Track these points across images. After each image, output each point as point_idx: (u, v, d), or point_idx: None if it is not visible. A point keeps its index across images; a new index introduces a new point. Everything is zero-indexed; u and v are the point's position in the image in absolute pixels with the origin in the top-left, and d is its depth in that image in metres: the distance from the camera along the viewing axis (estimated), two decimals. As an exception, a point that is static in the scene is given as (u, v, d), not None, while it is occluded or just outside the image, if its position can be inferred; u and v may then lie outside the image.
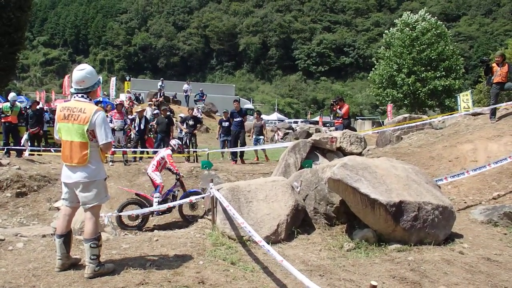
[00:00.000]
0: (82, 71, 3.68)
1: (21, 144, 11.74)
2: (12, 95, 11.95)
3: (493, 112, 9.74)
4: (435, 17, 33.65)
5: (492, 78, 9.63)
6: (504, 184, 6.77)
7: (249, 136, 14.28)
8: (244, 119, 12.61)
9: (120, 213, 7.14)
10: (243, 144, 12.36)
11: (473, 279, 3.81)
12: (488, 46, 67.73)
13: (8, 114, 11.51)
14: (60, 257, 3.65)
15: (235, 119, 12.32)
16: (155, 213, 7.53)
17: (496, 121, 9.52)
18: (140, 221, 7.48)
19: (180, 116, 15.24)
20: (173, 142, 8.69)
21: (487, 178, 6.95)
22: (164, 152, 7.95)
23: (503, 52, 10.70)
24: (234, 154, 12.39)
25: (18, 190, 8.33)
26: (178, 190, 7.89)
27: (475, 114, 11.54)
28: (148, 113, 15.45)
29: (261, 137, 13.46)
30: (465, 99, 19.33)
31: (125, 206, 7.39)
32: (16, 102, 11.92)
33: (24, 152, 11.75)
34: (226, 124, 12.67)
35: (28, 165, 10.19)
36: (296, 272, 3.02)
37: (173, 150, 8.23)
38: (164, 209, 7.43)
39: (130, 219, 7.42)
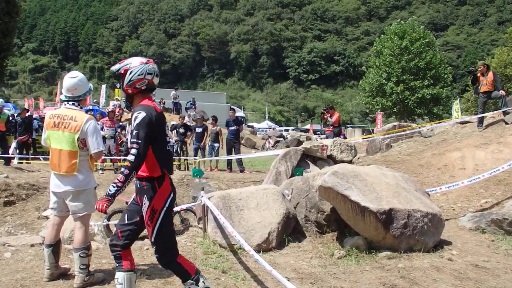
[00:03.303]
0: (74, 78, 3.67)
1: (10, 153, 11.56)
2: None
3: (480, 121, 9.89)
4: (423, 26, 34.21)
5: (479, 87, 9.80)
6: (491, 191, 6.87)
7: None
8: (240, 128, 12.60)
9: (108, 222, 7.07)
10: (238, 152, 12.31)
11: (462, 286, 3.86)
12: (476, 55, 68.95)
13: (-5, 122, 11.32)
14: (49, 267, 3.61)
15: (230, 128, 12.31)
16: None
17: (484, 129, 9.67)
18: None
19: (172, 124, 15.18)
20: None
21: (475, 185, 7.04)
22: None
23: (485, 62, 10.90)
24: (228, 162, 12.37)
25: (6, 199, 8.19)
26: None
27: (463, 123, 11.72)
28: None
29: (217, 144, 12.54)
30: (456, 108, 19.83)
31: (113, 214, 7.32)
32: (4, 109, 11.73)
33: (12, 161, 11.58)
34: (200, 130, 12.66)
35: (17, 173, 10.04)
36: (285, 281, 3.04)
37: None
38: None
39: None
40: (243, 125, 14.32)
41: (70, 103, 3.68)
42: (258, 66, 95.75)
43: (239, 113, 41.47)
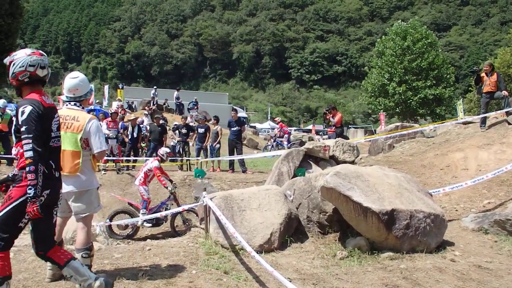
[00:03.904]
0: (75, 79, 3.67)
1: (13, 153, 11.59)
2: (1, 102, 11.64)
3: (483, 121, 9.86)
4: (426, 26, 34.14)
5: (482, 87, 9.77)
6: (494, 192, 6.84)
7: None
8: (242, 128, 12.60)
9: (110, 223, 7.09)
10: (241, 153, 12.30)
11: (464, 287, 3.85)
12: (479, 55, 68.80)
13: (-2, 122, 11.33)
14: (51, 267, 3.60)
15: (232, 128, 12.32)
16: (145, 223, 7.44)
17: (486, 129, 9.64)
18: (130, 230, 7.44)
19: (174, 124, 15.22)
20: (161, 151, 8.04)
21: (478, 186, 7.02)
22: (151, 164, 7.64)
23: (491, 62, 10.86)
24: (230, 163, 12.38)
25: (9, 199, 8.22)
26: (172, 204, 7.77)
27: (465, 123, 11.69)
28: (145, 121, 15.42)
29: (217, 145, 12.46)
30: (460, 109, 19.86)
31: (115, 214, 7.35)
32: (7, 110, 11.73)
33: (14, 161, 11.60)
34: (202, 130, 12.67)
35: (19, 173, 10.06)
36: (287, 282, 3.03)
37: (162, 161, 7.86)
38: (153, 222, 7.37)
39: (120, 228, 7.38)
40: (245, 125, 14.34)
41: (72, 103, 3.68)
42: (261, 67, 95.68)
43: (241, 114, 41.40)
